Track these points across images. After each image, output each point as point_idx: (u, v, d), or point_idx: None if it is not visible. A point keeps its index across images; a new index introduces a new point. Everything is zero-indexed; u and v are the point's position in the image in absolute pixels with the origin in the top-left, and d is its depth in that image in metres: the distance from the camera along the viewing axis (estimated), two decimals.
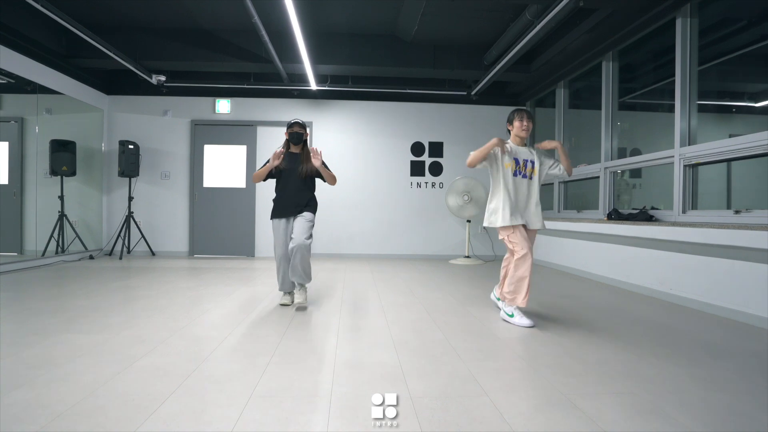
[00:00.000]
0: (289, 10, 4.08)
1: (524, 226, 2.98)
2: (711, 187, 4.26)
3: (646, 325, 2.98)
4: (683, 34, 3.82)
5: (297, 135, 3.37)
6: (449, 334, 2.66)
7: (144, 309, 3.19)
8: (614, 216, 4.53)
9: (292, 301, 3.42)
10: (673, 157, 3.89)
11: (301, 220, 3.26)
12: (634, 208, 4.49)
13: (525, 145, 3.07)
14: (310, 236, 3.25)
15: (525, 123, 2.99)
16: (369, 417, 1.59)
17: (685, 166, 3.79)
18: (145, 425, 1.49)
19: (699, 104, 3.88)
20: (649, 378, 2.00)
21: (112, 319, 2.88)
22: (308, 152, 3.41)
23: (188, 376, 1.93)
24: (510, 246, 2.96)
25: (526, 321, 2.87)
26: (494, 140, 2.91)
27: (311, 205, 3.38)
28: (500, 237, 3.02)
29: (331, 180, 3.40)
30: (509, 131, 3.11)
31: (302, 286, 3.37)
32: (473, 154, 2.95)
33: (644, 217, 4.11)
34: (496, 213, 2.97)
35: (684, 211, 3.79)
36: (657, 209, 4.17)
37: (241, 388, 1.80)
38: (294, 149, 3.43)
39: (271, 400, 1.70)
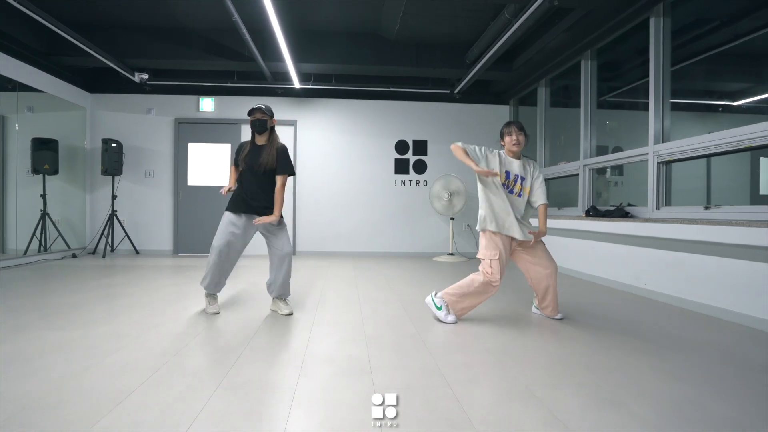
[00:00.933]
0: (267, 9, 4.10)
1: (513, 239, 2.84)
2: (692, 184, 4.34)
3: (617, 320, 3.04)
4: (656, 33, 3.89)
5: (260, 123, 2.97)
6: (422, 329, 2.70)
7: (123, 306, 3.20)
8: (592, 213, 4.61)
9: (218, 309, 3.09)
10: (647, 154, 3.97)
11: (280, 231, 3.08)
12: (612, 205, 4.56)
13: (520, 157, 2.91)
14: (290, 243, 3.13)
15: (515, 137, 2.83)
16: (335, 411, 1.62)
17: (658, 163, 3.87)
18: (108, 418, 1.51)
19: (681, 103, 3.96)
20: (611, 369, 2.05)
21: (89, 316, 2.88)
22: (275, 145, 3.02)
23: (157, 369, 1.95)
24: (489, 269, 2.75)
25: (451, 318, 2.84)
26: (485, 171, 2.74)
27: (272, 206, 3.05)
28: (481, 256, 2.83)
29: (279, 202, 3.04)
30: (502, 145, 2.95)
31: (283, 299, 3.14)
32: (459, 153, 2.82)
33: (620, 213, 4.18)
34: (485, 220, 2.82)
35: (658, 208, 3.86)
36: (633, 206, 4.24)
37: (208, 382, 1.83)
38: (259, 140, 3.04)
39: (235, 393, 1.73)
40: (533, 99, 6.51)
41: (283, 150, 3.05)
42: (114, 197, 6.44)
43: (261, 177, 3.00)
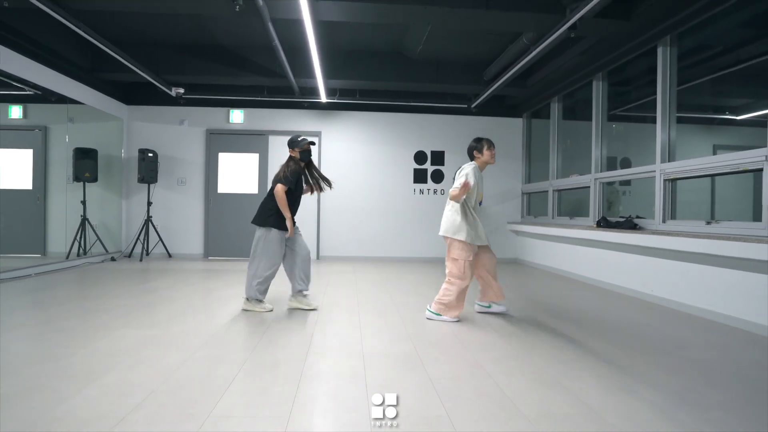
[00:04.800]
0: (308, 33, 4.48)
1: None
2: (697, 197, 4.70)
3: (627, 323, 3.41)
4: (663, 61, 4.25)
5: (309, 153, 3.63)
6: (456, 329, 3.07)
7: (183, 307, 3.59)
8: (603, 224, 4.96)
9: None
10: (654, 171, 4.33)
11: (301, 236, 3.67)
12: (621, 216, 4.92)
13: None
14: None
15: (493, 151, 3.42)
16: (405, 395, 1.99)
17: (665, 180, 4.22)
18: (222, 402, 1.89)
19: (685, 117, 4.32)
20: (624, 366, 2.42)
21: (158, 317, 3.27)
22: (318, 172, 3.75)
23: (244, 362, 2.33)
24: (462, 271, 3.23)
25: (453, 318, 3.30)
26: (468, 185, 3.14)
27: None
28: (455, 256, 3.26)
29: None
30: (477, 158, 3.42)
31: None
32: (458, 196, 3.16)
33: (629, 225, 4.54)
34: (463, 230, 3.24)
35: (664, 221, 4.22)
36: (641, 218, 4.60)
37: (290, 372, 2.21)
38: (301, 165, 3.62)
39: (318, 381, 2.11)
40: (545, 112, 6.87)
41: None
42: (149, 203, 6.85)
43: (301, 198, 3.64)
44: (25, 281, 4.71)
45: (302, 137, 3.55)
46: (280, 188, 3.40)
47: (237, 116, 7.22)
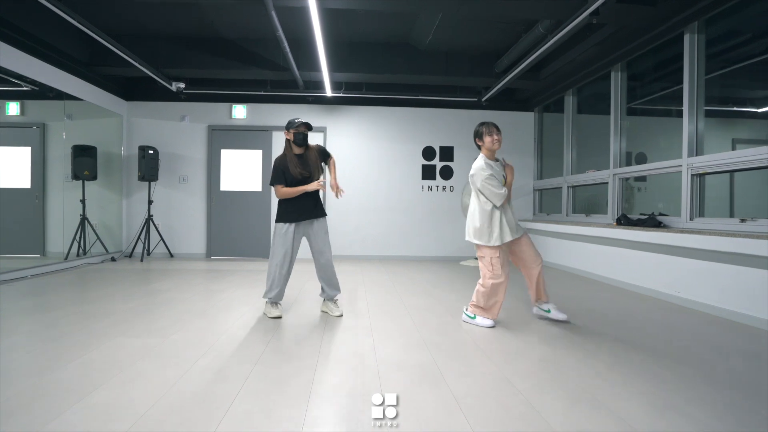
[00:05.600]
0: (314, 24, 4.26)
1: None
2: (714, 193, 4.45)
3: (658, 328, 3.18)
4: (690, 49, 4.01)
5: (304, 136, 3.28)
6: (476, 336, 2.85)
7: (183, 312, 3.38)
8: (623, 221, 4.73)
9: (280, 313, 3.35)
10: (680, 166, 4.08)
11: (322, 235, 3.37)
12: (642, 214, 4.68)
13: (495, 158, 3.14)
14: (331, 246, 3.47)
15: (496, 137, 3.05)
16: (425, 422, 1.78)
17: (692, 175, 3.98)
18: (223, 423, 1.68)
19: (704, 109, 4.07)
20: (667, 379, 2.19)
21: (158, 323, 3.07)
22: (314, 153, 3.37)
23: (247, 377, 2.12)
24: (490, 268, 3.01)
25: (488, 322, 3.08)
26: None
27: (321, 208, 3.43)
28: (481, 254, 3.07)
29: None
30: (479, 146, 3.14)
31: (335, 300, 3.49)
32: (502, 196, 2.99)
33: (653, 223, 4.30)
34: (490, 232, 3.01)
35: (691, 218, 3.98)
36: (665, 215, 4.36)
37: (297, 388, 2.00)
38: (298, 150, 3.33)
39: (329, 397, 1.90)
40: (558, 106, 6.63)
41: (322, 147, 3.49)
42: (150, 202, 6.65)
43: (301, 182, 3.31)
44: (20, 284, 4.52)
45: (298, 118, 3.30)
46: (274, 190, 3.30)
47: (240, 111, 7.00)
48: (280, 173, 3.29)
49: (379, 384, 2.06)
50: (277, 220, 3.31)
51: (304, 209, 3.32)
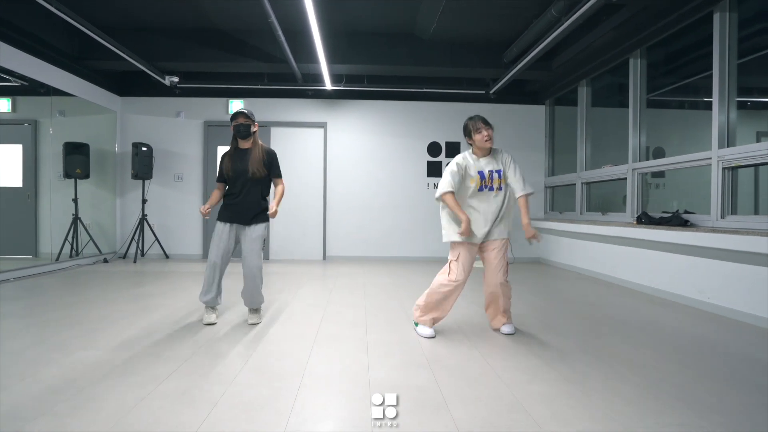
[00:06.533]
0: (308, 10, 3.95)
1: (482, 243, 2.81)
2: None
3: (692, 340, 2.82)
4: (721, 29, 3.64)
5: (244, 128, 2.97)
6: (484, 351, 2.53)
7: (162, 322, 3.09)
8: (644, 220, 4.36)
9: (216, 319, 3.08)
10: (710, 159, 3.72)
11: (251, 241, 2.99)
12: (664, 212, 4.31)
13: (490, 151, 2.83)
14: (261, 255, 3.07)
15: (485, 132, 2.74)
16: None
17: (723, 168, 3.61)
18: None
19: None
20: (710, 406, 1.85)
21: (130, 332, 2.78)
22: (260, 151, 3.03)
23: (216, 403, 1.81)
24: (444, 270, 2.79)
25: (428, 331, 2.78)
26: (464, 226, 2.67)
27: (262, 216, 3.04)
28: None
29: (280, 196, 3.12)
30: (470, 144, 2.85)
31: (255, 310, 3.13)
32: (451, 204, 2.69)
33: (678, 221, 3.94)
34: (450, 227, 2.78)
35: (723, 216, 3.62)
36: (691, 213, 3.99)
37: (275, 419, 1.69)
38: (242, 144, 3.04)
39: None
40: (571, 98, 6.26)
41: (273, 154, 3.11)
42: (144, 201, 6.39)
43: (250, 183, 2.98)
44: (1, 287, 4.26)
45: (240, 109, 3.03)
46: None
47: (237, 106, 6.70)
48: (219, 169, 3.06)
49: (370, 413, 1.73)
50: (217, 218, 3.05)
51: (237, 213, 3.00)
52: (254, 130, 3.05)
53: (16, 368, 2.16)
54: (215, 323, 3.03)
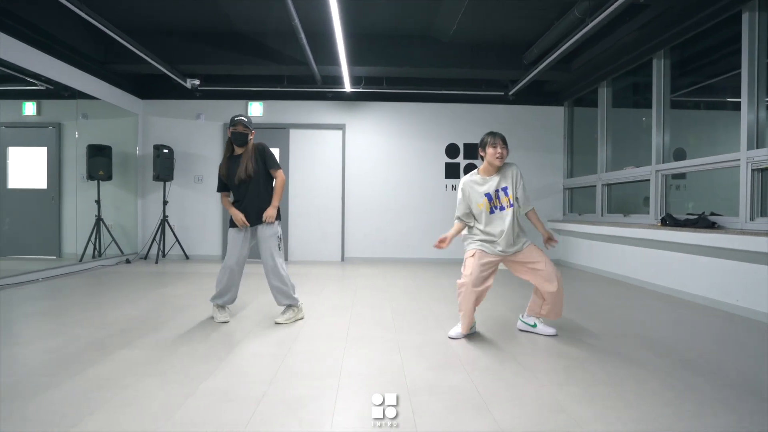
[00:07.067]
0: (333, 14, 3.99)
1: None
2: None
3: (727, 345, 2.80)
4: (750, 29, 3.60)
5: (241, 136, 3.00)
6: (517, 352, 2.53)
7: (192, 321, 3.14)
8: (669, 222, 4.33)
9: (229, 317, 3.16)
10: (738, 160, 3.68)
11: (265, 240, 3.06)
12: (689, 213, 4.27)
13: (498, 170, 2.80)
14: (279, 253, 3.10)
15: (499, 150, 2.71)
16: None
17: (753, 170, 3.57)
18: None
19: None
20: (741, 411, 1.84)
21: (165, 333, 2.83)
22: (250, 149, 3.04)
23: (259, 401, 1.84)
24: (462, 268, 2.83)
25: (455, 332, 2.83)
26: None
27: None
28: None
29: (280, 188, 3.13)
30: (482, 157, 2.81)
31: (289, 306, 3.16)
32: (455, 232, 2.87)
33: (705, 223, 3.90)
34: (468, 240, 2.90)
35: (752, 218, 3.58)
36: (718, 215, 3.96)
37: (316, 418, 1.71)
38: (237, 151, 3.08)
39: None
40: (590, 99, 6.23)
41: (263, 147, 3.09)
42: (165, 202, 6.48)
43: (248, 184, 3.03)
44: (31, 287, 4.36)
45: (240, 115, 3.05)
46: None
47: (256, 109, 6.79)
48: (219, 180, 3.14)
49: (411, 412, 1.75)
50: (229, 225, 3.13)
51: (246, 217, 3.04)
52: (251, 138, 3.08)
53: (60, 366, 2.22)
54: (228, 321, 3.11)
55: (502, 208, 2.77)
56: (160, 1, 5.03)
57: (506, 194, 2.77)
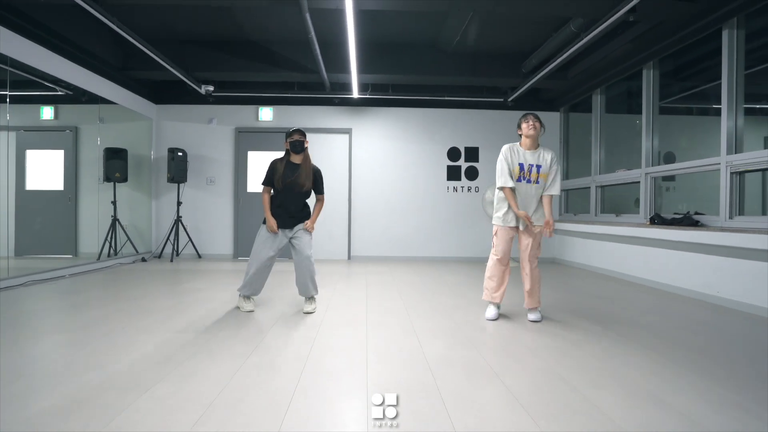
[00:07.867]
0: (348, 27, 4.30)
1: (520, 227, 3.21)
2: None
3: (701, 327, 3.14)
4: (729, 45, 3.95)
5: (300, 144, 3.33)
6: (517, 332, 2.84)
7: (221, 310, 3.43)
8: (657, 221, 4.66)
9: (254, 307, 3.48)
10: (719, 164, 4.02)
11: (301, 234, 3.40)
12: (676, 213, 4.61)
13: (537, 146, 3.20)
14: (312, 246, 3.48)
15: (531, 122, 3.14)
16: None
17: (731, 173, 3.92)
18: (287, 419, 1.71)
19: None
20: (721, 378, 2.16)
21: (199, 321, 3.12)
22: (309, 168, 3.40)
23: (301, 371, 2.14)
24: (493, 243, 3.27)
25: (490, 313, 3.25)
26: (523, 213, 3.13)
27: (306, 214, 3.49)
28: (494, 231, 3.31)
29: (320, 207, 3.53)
30: (520, 135, 3.23)
31: (312, 298, 3.49)
32: (510, 197, 3.13)
33: (689, 222, 4.24)
34: (495, 210, 3.28)
35: (731, 217, 3.91)
36: (701, 214, 4.29)
37: (354, 383, 2.02)
38: (295, 159, 3.40)
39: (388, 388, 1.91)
40: (585, 106, 6.57)
41: (319, 172, 3.50)
42: (179, 203, 6.76)
43: (297, 194, 3.39)
44: (58, 282, 4.63)
45: (293, 128, 3.41)
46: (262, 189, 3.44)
47: (266, 114, 7.09)
48: (270, 175, 3.41)
49: (433, 379, 2.06)
50: (264, 222, 3.42)
51: (283, 221, 3.38)
52: (306, 145, 3.40)
53: (116, 346, 2.51)
54: (253, 310, 3.43)
55: (528, 181, 3.16)
56: (179, 12, 5.32)
57: (538, 172, 3.15)
